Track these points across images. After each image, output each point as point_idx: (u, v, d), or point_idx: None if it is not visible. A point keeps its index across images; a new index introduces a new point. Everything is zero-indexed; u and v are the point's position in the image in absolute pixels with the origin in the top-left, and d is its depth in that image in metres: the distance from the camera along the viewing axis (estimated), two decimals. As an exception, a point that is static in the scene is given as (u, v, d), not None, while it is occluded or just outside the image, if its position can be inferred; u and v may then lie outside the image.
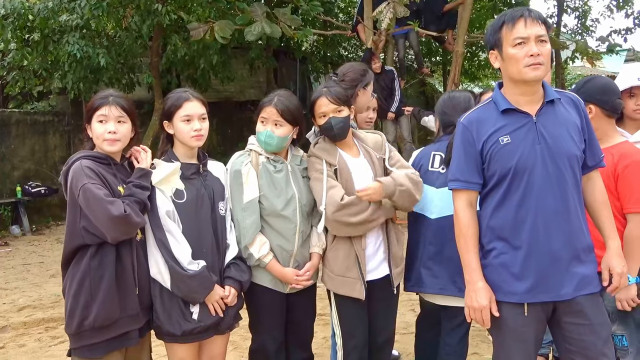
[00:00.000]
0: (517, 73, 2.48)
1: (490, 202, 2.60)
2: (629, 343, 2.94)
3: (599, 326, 2.53)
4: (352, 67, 3.57)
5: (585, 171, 2.64)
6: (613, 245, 2.63)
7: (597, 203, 2.68)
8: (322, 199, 3.04)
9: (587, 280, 2.54)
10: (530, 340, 2.57)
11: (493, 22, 2.58)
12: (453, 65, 8.58)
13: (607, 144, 3.00)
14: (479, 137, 2.57)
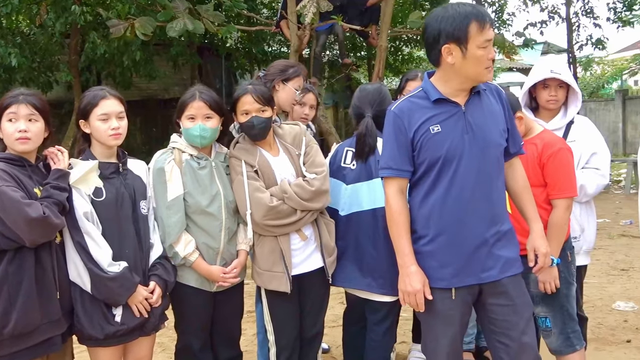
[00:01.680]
0: (476, 74, 2.53)
1: (420, 190, 2.65)
2: (552, 324, 3.05)
3: (521, 306, 2.65)
4: (276, 63, 3.57)
5: (507, 158, 2.74)
6: (536, 227, 2.75)
7: (519, 188, 2.79)
8: (245, 203, 3.02)
9: (510, 263, 2.65)
10: (457, 323, 2.65)
11: (453, 15, 2.48)
12: (377, 59, 8.67)
13: (530, 135, 3.11)
14: (410, 125, 2.60)
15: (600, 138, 3.42)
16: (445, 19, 2.49)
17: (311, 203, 3.06)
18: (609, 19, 15.56)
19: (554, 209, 3.01)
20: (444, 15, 2.51)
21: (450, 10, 2.51)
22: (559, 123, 3.35)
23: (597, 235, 7.27)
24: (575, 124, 3.37)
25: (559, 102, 3.34)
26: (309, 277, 3.17)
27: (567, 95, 3.37)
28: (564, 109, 3.39)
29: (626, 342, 4.50)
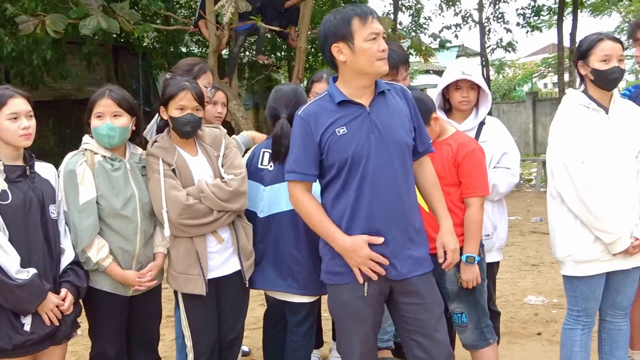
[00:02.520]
0: (369, 66, 2.56)
1: (331, 191, 2.67)
2: (468, 319, 3.12)
3: (432, 304, 2.71)
4: (180, 63, 3.55)
5: (416, 157, 2.80)
6: (446, 224, 2.82)
7: (428, 186, 2.85)
8: (161, 201, 2.96)
9: (420, 261, 2.70)
10: (369, 322, 2.69)
11: (335, 16, 2.60)
12: (297, 61, 8.70)
13: (444, 135, 3.18)
14: (316, 129, 2.62)
15: (510, 138, 3.54)
16: (330, 22, 2.59)
17: (228, 204, 3.03)
18: (519, 24, 16.24)
19: (470, 207, 3.09)
20: (328, 19, 2.62)
21: (333, 13, 2.62)
22: (471, 124, 3.45)
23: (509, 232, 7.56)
24: (487, 125, 3.48)
25: (471, 103, 3.43)
26: (227, 280, 3.13)
27: (478, 97, 3.47)
28: (476, 110, 3.49)
29: (537, 335, 4.67)
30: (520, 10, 16.13)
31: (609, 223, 3.01)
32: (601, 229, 3.02)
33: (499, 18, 16.23)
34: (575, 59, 3.21)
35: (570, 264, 3.14)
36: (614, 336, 3.27)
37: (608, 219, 3.01)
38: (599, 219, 3.01)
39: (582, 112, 3.10)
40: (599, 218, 3.01)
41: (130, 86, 12.90)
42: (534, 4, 15.82)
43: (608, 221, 3.01)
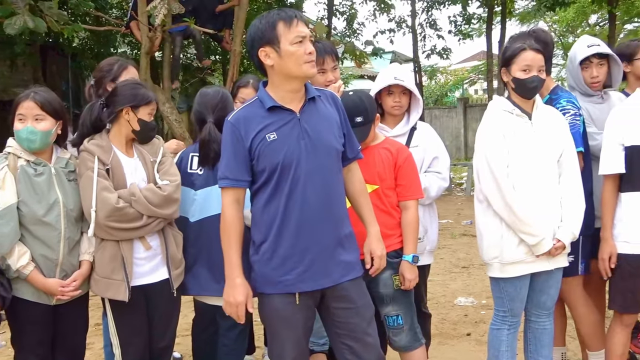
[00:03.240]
0: (297, 69, 2.57)
1: (261, 197, 2.66)
2: (403, 321, 3.16)
3: (362, 308, 2.73)
4: (99, 66, 3.52)
5: (346, 163, 2.81)
6: (373, 231, 2.86)
7: (357, 192, 2.87)
8: (91, 200, 2.89)
9: (351, 266, 2.72)
10: (300, 327, 2.69)
11: (261, 21, 2.61)
12: (231, 64, 8.62)
13: (378, 140, 3.23)
14: (247, 134, 2.61)
15: (440, 143, 3.61)
16: (255, 27, 2.61)
17: (160, 209, 2.98)
18: (451, 32, 16.60)
19: (408, 210, 3.14)
20: (254, 24, 2.64)
21: (259, 18, 2.64)
22: (403, 129, 3.50)
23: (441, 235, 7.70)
24: (418, 130, 3.54)
25: (403, 108, 3.49)
26: (156, 288, 3.08)
27: (409, 102, 3.52)
28: (407, 116, 3.54)
29: (466, 335, 4.78)
30: (452, 17, 16.50)
31: (533, 226, 3.10)
32: (525, 231, 3.11)
33: (431, 25, 16.56)
34: (499, 66, 3.29)
35: (497, 266, 3.22)
36: (538, 335, 3.37)
37: (531, 222, 3.10)
38: (523, 221, 3.10)
39: (507, 117, 3.20)
40: (522, 221, 3.10)
41: (60, 87, 12.51)
42: (465, 12, 16.21)
43: (531, 224, 3.10)
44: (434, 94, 29.62)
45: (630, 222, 3.20)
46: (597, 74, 3.63)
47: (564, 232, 3.16)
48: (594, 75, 3.62)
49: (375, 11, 16.55)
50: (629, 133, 3.17)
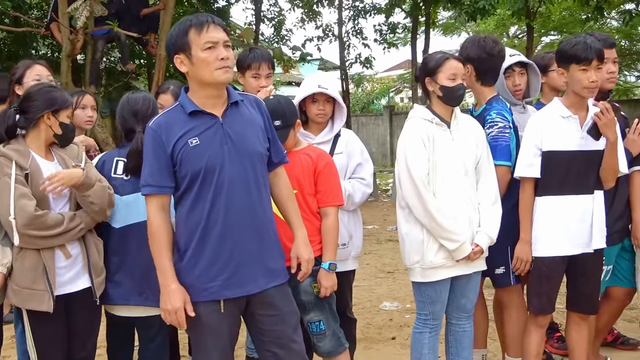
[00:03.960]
0: (209, 76, 2.55)
1: (185, 203, 2.63)
2: (325, 327, 3.18)
3: (288, 315, 2.74)
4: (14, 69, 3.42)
5: (271, 168, 2.82)
6: (300, 235, 2.87)
7: (283, 197, 2.88)
8: (8, 208, 2.78)
9: (276, 273, 2.73)
10: (225, 335, 2.67)
11: (175, 27, 2.61)
12: (157, 68, 8.51)
13: (300, 146, 3.25)
14: (168, 140, 2.58)
15: (364, 150, 3.66)
16: (170, 34, 2.61)
17: (109, 210, 2.95)
18: (376, 40, 16.85)
19: (328, 217, 3.17)
20: (170, 31, 2.64)
21: (175, 25, 2.63)
22: (327, 136, 3.53)
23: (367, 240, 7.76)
24: (342, 137, 3.58)
25: (327, 116, 3.52)
26: (77, 297, 2.99)
27: (333, 110, 3.56)
28: (331, 123, 3.58)
29: (391, 339, 4.85)
30: (377, 26, 16.76)
31: (452, 232, 3.19)
32: (445, 237, 3.20)
33: (358, 33, 16.78)
34: (422, 76, 3.36)
35: (418, 271, 3.29)
36: (459, 338, 3.47)
37: (451, 228, 3.19)
38: (443, 227, 3.19)
39: (427, 126, 3.28)
40: (442, 227, 3.19)
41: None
42: (390, 22, 16.51)
43: (451, 230, 3.19)
44: (360, 101, 29.98)
45: (546, 225, 3.33)
46: (519, 82, 3.76)
47: (482, 237, 3.27)
48: (516, 84, 3.75)
49: (303, 18, 16.63)
50: (546, 138, 3.30)
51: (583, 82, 3.21)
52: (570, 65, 3.22)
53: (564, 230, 3.30)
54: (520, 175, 3.36)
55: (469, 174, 3.30)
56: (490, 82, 3.58)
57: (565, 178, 3.29)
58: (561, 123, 3.30)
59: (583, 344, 3.52)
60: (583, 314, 3.49)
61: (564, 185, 3.30)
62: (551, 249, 3.33)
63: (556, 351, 4.28)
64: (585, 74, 3.20)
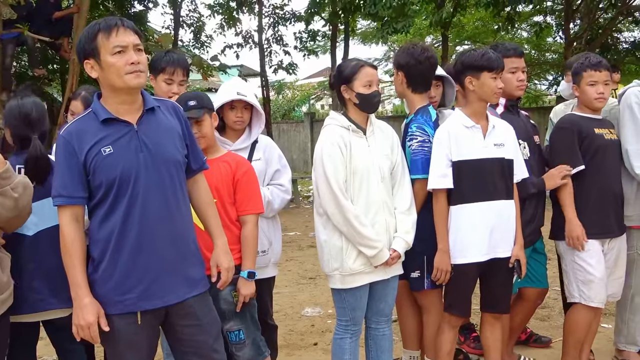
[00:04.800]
0: (119, 81, 2.47)
1: (99, 213, 2.54)
2: (245, 336, 3.14)
3: (209, 325, 2.69)
4: None
5: (191, 175, 2.76)
6: (220, 243, 2.82)
7: (203, 204, 2.82)
8: None
9: (196, 282, 2.67)
10: (144, 348, 2.60)
11: (84, 32, 2.53)
12: (70, 73, 8.28)
13: (219, 153, 3.22)
14: (80, 149, 2.48)
15: (282, 156, 3.66)
16: (79, 39, 2.53)
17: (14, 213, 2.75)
18: (297, 47, 16.94)
19: (247, 224, 3.14)
20: (79, 36, 2.56)
21: (84, 29, 2.56)
22: (245, 143, 3.50)
23: (289, 247, 7.76)
24: (259, 143, 3.56)
25: (245, 123, 3.49)
26: None
27: (251, 116, 3.54)
28: (249, 130, 3.56)
29: (313, 345, 4.86)
30: (297, 34, 16.85)
31: (370, 238, 3.22)
32: (363, 244, 3.22)
33: (278, 40, 16.82)
34: (337, 83, 3.38)
35: (338, 277, 3.30)
36: (379, 342, 3.50)
37: (369, 235, 3.22)
38: (361, 234, 3.21)
39: (344, 133, 3.30)
40: (361, 234, 3.21)
41: None
42: (310, 29, 16.63)
43: (369, 237, 3.22)
44: (281, 108, 30.06)
45: (459, 233, 3.41)
46: (434, 94, 3.86)
47: (399, 242, 3.32)
48: (431, 95, 3.84)
49: (223, 24, 16.53)
50: (454, 149, 3.39)
51: (494, 88, 3.36)
52: (482, 73, 3.35)
53: (478, 237, 3.39)
54: (434, 187, 3.41)
55: (385, 180, 3.35)
56: (420, 90, 3.64)
57: (475, 186, 3.39)
58: (466, 133, 3.41)
59: (497, 343, 3.63)
60: (496, 314, 3.60)
61: (475, 193, 3.39)
62: (466, 256, 3.40)
63: (473, 351, 4.40)
64: (495, 82, 3.36)
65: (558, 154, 3.77)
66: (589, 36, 15.52)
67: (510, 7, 13.41)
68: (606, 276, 3.72)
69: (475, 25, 20.84)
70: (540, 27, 15.15)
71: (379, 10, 12.94)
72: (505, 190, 3.43)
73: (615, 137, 3.78)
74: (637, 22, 17.38)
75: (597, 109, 3.75)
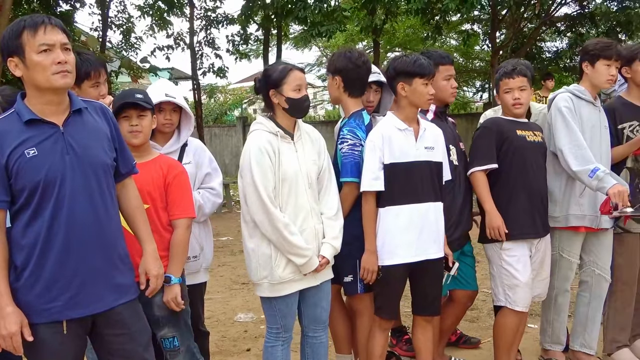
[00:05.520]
0: (45, 81, 2.38)
1: (22, 218, 2.43)
2: (180, 342, 3.08)
3: (138, 333, 2.62)
4: None
5: (119, 179, 2.69)
6: (150, 249, 2.75)
7: (132, 209, 2.75)
8: None
9: (125, 289, 2.59)
10: (70, 358, 2.52)
11: (8, 28, 2.43)
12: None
13: (151, 156, 3.13)
14: (2, 151, 2.37)
15: (212, 160, 3.60)
16: (3, 36, 2.44)
17: None
18: (229, 51, 16.80)
19: (177, 229, 3.07)
20: (2, 33, 2.46)
21: (8, 26, 2.46)
22: (174, 146, 3.44)
23: (221, 252, 7.67)
24: (189, 146, 3.50)
25: (174, 126, 3.43)
26: None
27: (180, 119, 3.47)
28: (178, 133, 3.49)
29: (246, 351, 4.82)
30: (230, 37, 16.71)
31: (300, 247, 3.18)
32: (293, 252, 3.18)
33: (210, 43, 16.63)
34: (264, 88, 3.32)
35: (266, 286, 3.25)
36: (315, 349, 3.49)
37: (299, 243, 3.18)
38: (291, 243, 3.16)
39: (271, 139, 3.24)
40: (290, 242, 3.16)
41: None
42: (243, 32, 16.53)
43: (299, 245, 3.18)
44: (213, 112, 29.77)
45: (388, 235, 3.44)
46: (372, 99, 3.90)
47: (327, 248, 3.31)
48: (370, 100, 3.88)
49: (154, 26, 16.23)
50: (387, 151, 3.42)
51: (425, 94, 3.42)
52: (414, 79, 3.40)
53: (406, 239, 3.43)
54: (366, 189, 3.43)
55: (313, 186, 3.32)
56: (356, 94, 3.68)
57: (405, 188, 3.43)
58: (399, 136, 3.45)
59: (429, 345, 3.69)
60: (427, 316, 3.65)
61: (405, 195, 3.43)
62: (394, 257, 3.43)
63: (405, 353, 4.46)
64: (426, 88, 3.42)
65: (475, 151, 3.89)
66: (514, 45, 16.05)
67: (439, 15, 13.72)
68: (532, 279, 3.84)
69: (406, 32, 21.22)
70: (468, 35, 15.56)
71: (307, 15, 13.01)
72: (434, 193, 3.49)
73: (539, 139, 3.90)
74: (559, 33, 18.09)
75: (516, 114, 3.87)
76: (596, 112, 3.98)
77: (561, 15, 17.12)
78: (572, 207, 3.93)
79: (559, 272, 4.06)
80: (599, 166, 3.69)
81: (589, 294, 4.12)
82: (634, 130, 4.03)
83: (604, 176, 3.63)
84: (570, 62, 17.57)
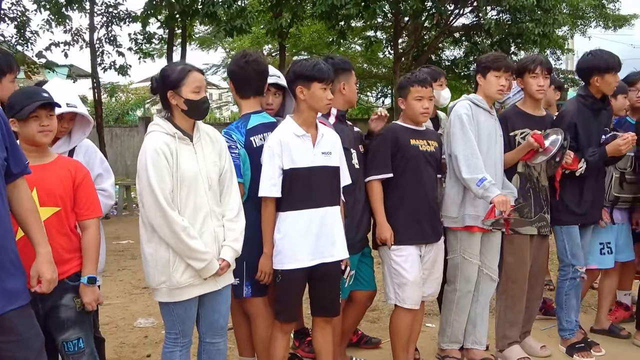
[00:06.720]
0: None
1: None
2: (85, 344, 3.00)
3: (30, 339, 2.54)
4: None
5: (11, 179, 2.59)
6: (43, 252, 2.66)
7: (24, 211, 2.65)
8: None
9: (17, 294, 2.50)
10: None
11: None
12: None
13: (51, 157, 3.03)
14: None
15: (104, 160, 3.54)
16: None
17: None
18: (131, 49, 16.36)
19: (89, 229, 3.02)
20: None
21: None
22: (64, 148, 3.36)
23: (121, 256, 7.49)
24: (80, 147, 3.45)
25: (66, 130, 3.36)
26: None
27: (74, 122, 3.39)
28: (68, 135, 3.42)
29: (146, 357, 4.73)
30: (133, 35, 16.27)
31: (199, 251, 3.12)
32: (192, 257, 3.11)
33: (111, 41, 16.13)
34: (162, 88, 3.22)
35: (165, 291, 3.18)
36: (213, 356, 3.43)
37: (198, 247, 3.11)
38: (190, 247, 3.09)
39: (168, 140, 3.16)
40: (189, 247, 3.09)
41: None
42: (146, 31, 16.14)
43: (198, 249, 3.11)
44: (114, 111, 28.91)
45: (286, 239, 3.47)
46: (271, 101, 3.93)
47: (228, 251, 3.26)
48: (268, 102, 3.92)
49: (50, 20, 15.56)
50: (285, 157, 3.46)
51: (323, 99, 3.49)
52: (313, 83, 3.46)
53: (305, 243, 3.47)
54: (265, 195, 3.46)
55: (213, 187, 3.26)
56: (247, 95, 3.71)
57: (303, 193, 3.48)
58: (297, 142, 3.50)
59: (329, 346, 3.75)
60: (327, 317, 3.71)
61: (304, 200, 3.48)
62: (293, 262, 3.47)
63: (307, 355, 4.51)
64: (325, 92, 3.48)
65: (372, 159, 4.03)
66: (415, 53, 16.57)
67: (343, 21, 13.96)
68: (422, 279, 4.00)
69: (312, 36, 21.45)
70: (371, 42, 15.91)
71: (217, 11, 12.85)
72: (331, 197, 3.56)
73: (432, 149, 4.08)
74: (456, 42, 18.84)
75: (421, 122, 4.03)
76: (492, 120, 4.23)
77: (459, 25, 17.84)
78: (467, 207, 4.13)
79: (461, 274, 4.23)
80: (487, 176, 3.93)
81: (476, 293, 4.32)
82: (525, 137, 4.27)
83: (490, 186, 3.89)
84: (467, 70, 18.34)
